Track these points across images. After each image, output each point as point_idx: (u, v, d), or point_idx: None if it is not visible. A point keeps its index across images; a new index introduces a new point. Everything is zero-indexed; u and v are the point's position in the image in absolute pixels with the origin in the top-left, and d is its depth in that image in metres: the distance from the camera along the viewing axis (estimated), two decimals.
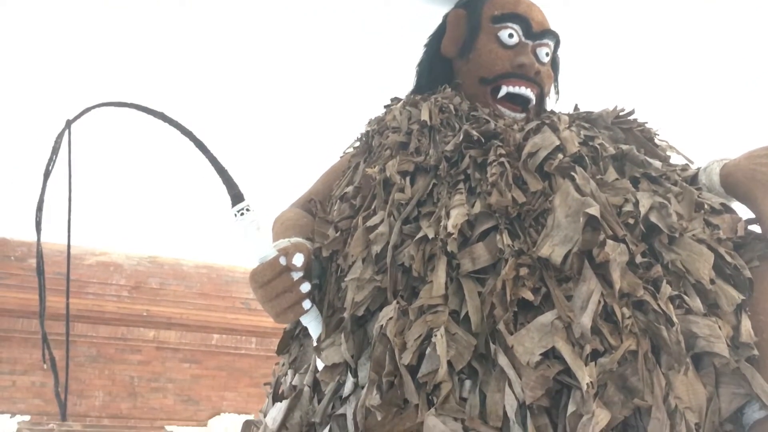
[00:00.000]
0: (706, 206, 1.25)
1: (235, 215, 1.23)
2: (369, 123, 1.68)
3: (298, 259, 1.21)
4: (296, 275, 1.21)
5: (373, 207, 1.34)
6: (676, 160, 1.48)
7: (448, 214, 1.20)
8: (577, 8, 2.28)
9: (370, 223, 1.28)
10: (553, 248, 1.11)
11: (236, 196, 1.24)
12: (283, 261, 1.20)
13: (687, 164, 1.45)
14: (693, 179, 1.38)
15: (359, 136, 1.70)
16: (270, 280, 1.20)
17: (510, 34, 1.65)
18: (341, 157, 1.80)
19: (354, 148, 1.71)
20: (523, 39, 1.66)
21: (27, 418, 7.27)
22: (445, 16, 1.83)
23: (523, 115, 1.63)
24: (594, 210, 1.10)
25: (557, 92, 1.85)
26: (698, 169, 1.41)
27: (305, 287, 1.22)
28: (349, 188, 1.47)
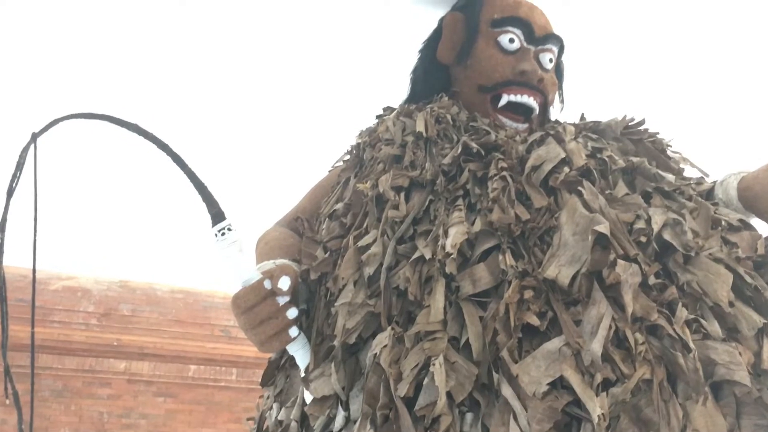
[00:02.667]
0: (723, 223, 1.26)
1: (216, 235, 1.23)
2: (360, 134, 1.69)
3: (284, 283, 1.21)
4: (282, 300, 1.21)
5: (364, 225, 1.35)
6: (690, 173, 1.49)
7: (446, 233, 1.21)
8: (582, 10, 2.30)
9: (362, 243, 1.29)
10: (559, 269, 1.11)
11: (217, 215, 1.24)
12: (267, 285, 1.20)
13: (702, 178, 1.47)
14: (709, 194, 1.40)
15: (349, 149, 1.71)
16: (253, 305, 1.20)
17: (511, 39, 1.67)
18: (330, 172, 1.81)
19: (344, 161, 1.72)
20: (524, 44, 1.68)
21: None
22: (441, 20, 1.85)
23: (525, 125, 1.65)
24: (603, 227, 1.11)
25: (562, 101, 1.87)
26: (714, 182, 1.43)
27: (292, 313, 1.22)
28: (339, 205, 1.48)
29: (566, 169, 1.29)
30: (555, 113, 1.81)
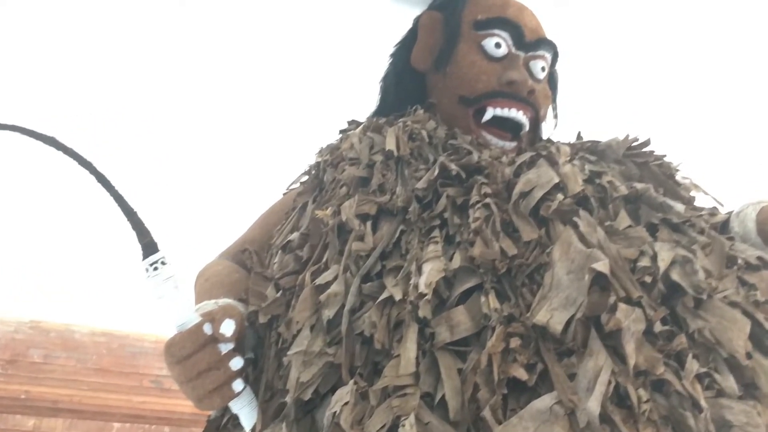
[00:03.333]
0: (740, 261, 1.28)
1: (147, 270, 1.22)
2: (320, 152, 1.70)
3: (228, 327, 1.20)
4: (225, 347, 1.20)
5: (324, 260, 1.35)
6: (702, 202, 1.52)
7: (419, 270, 1.21)
8: (580, 11, 2.35)
9: (321, 280, 1.29)
10: (551, 313, 1.12)
11: (148, 246, 1.23)
12: (207, 329, 1.19)
13: (716, 208, 1.49)
14: (724, 227, 1.42)
15: (307, 169, 1.71)
16: (191, 353, 1.18)
17: (497, 44, 1.69)
18: (284, 195, 1.81)
19: (301, 183, 1.72)
20: (513, 50, 1.71)
21: None
22: (417, 20, 1.87)
23: (513, 144, 1.67)
24: (602, 265, 1.12)
25: (556, 116, 1.89)
26: (730, 213, 1.46)
27: (236, 363, 1.21)
28: (294, 235, 1.48)
29: (560, 197, 1.30)
30: (548, 131, 1.84)
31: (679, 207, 1.35)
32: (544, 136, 1.80)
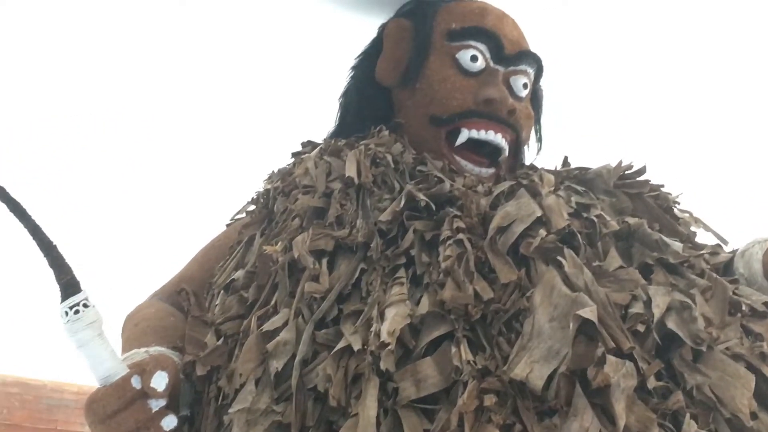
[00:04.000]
0: (744, 307, 1.29)
1: (66, 313, 1.20)
2: (269, 178, 1.70)
3: (160, 381, 1.19)
4: (156, 404, 1.19)
5: (272, 302, 1.35)
6: (703, 239, 1.54)
7: (381, 315, 1.22)
8: (568, 20, 2.38)
9: (268, 326, 1.29)
10: (531, 367, 1.13)
11: (69, 286, 1.21)
12: (136, 383, 1.18)
13: (719, 246, 1.51)
14: (727, 268, 1.44)
15: (254, 197, 1.71)
16: (116, 411, 1.17)
17: (473, 57, 1.71)
18: (228, 227, 1.80)
19: (247, 213, 1.71)
20: (491, 64, 1.72)
21: None
22: (382, 28, 1.87)
23: (491, 171, 1.68)
24: (589, 312, 1.13)
25: (539, 139, 1.91)
26: (734, 253, 1.47)
27: (169, 422, 1.20)
28: (239, 273, 1.48)
29: (542, 232, 1.31)
30: (530, 156, 1.85)
31: (677, 245, 1.37)
32: (526, 162, 1.81)
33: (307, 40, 2.33)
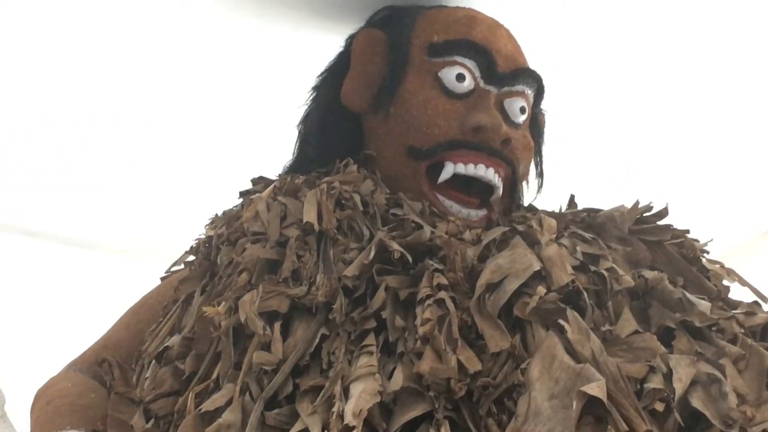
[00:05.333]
0: None
1: None
2: (212, 222, 1.67)
3: None
4: None
5: (214, 376, 1.33)
6: (737, 295, 1.52)
7: (346, 392, 1.20)
8: (573, 31, 2.41)
9: (209, 405, 1.27)
10: None
11: None
12: None
13: (755, 304, 1.49)
14: (765, 331, 1.42)
15: (194, 246, 1.69)
16: None
17: (459, 75, 1.71)
18: (162, 281, 1.78)
19: (185, 265, 1.69)
20: (481, 84, 1.72)
21: None
22: (350, 40, 1.87)
23: (481, 213, 1.68)
24: (596, 388, 1.12)
25: (540, 174, 1.90)
26: None
27: None
28: (174, 339, 1.46)
29: (541, 290, 1.30)
30: (529, 195, 1.85)
31: (704, 305, 1.35)
32: (524, 203, 1.81)
33: (258, 55, 2.33)
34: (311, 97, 1.87)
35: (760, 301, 1.51)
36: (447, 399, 1.19)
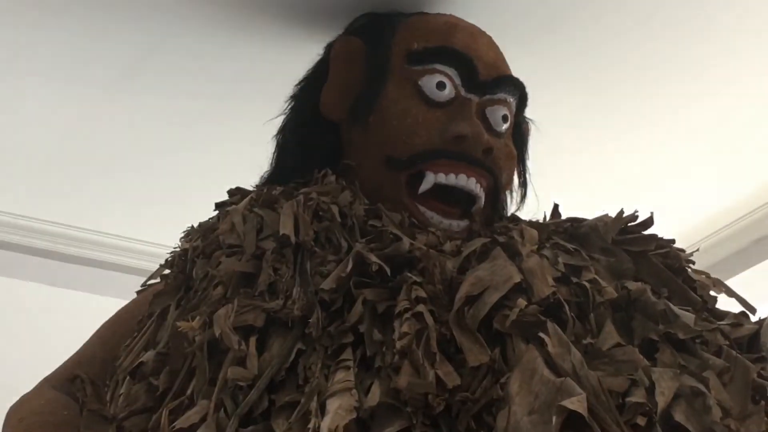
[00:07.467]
0: None
1: None
2: (188, 235, 1.66)
3: None
4: None
5: (188, 392, 1.32)
6: (724, 305, 1.52)
7: (322, 408, 1.19)
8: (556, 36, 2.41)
9: (183, 422, 1.26)
10: None
11: None
12: None
13: (743, 314, 1.48)
14: (752, 343, 1.41)
15: (169, 259, 1.68)
16: None
17: (440, 83, 1.71)
18: (137, 295, 1.77)
19: (161, 278, 1.68)
20: (462, 92, 1.72)
21: None
22: (328, 48, 1.87)
23: (463, 223, 1.67)
24: (577, 402, 1.11)
25: (524, 184, 1.90)
26: (761, 323, 1.45)
27: None
28: (148, 355, 1.45)
29: (522, 302, 1.29)
30: (511, 205, 1.84)
31: (688, 316, 1.35)
32: (507, 213, 1.80)
33: (235, 63, 2.33)
34: (289, 107, 1.87)
35: (747, 311, 1.50)
36: (425, 414, 1.18)
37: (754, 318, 1.49)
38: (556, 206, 1.72)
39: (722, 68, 2.57)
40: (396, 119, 1.68)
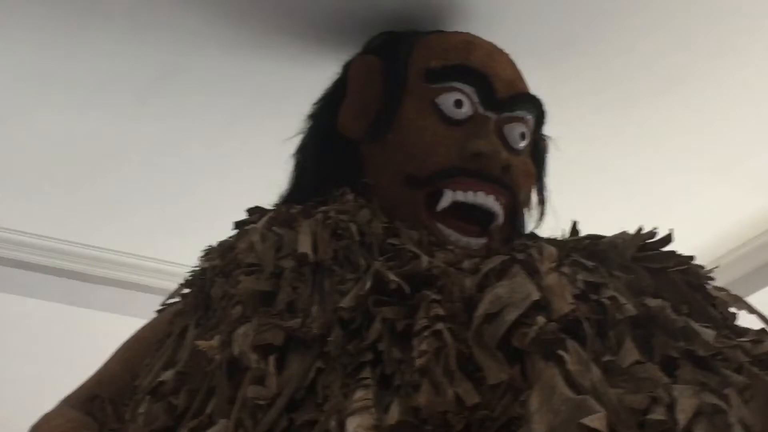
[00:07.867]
0: None
1: None
2: (207, 255, 1.66)
3: None
4: None
5: (208, 411, 1.32)
6: (745, 322, 1.50)
7: (341, 427, 1.19)
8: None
9: None
10: None
11: None
12: None
13: (763, 331, 1.47)
14: None
15: (189, 278, 1.68)
16: None
17: (458, 101, 1.71)
18: (157, 315, 1.77)
19: (181, 297, 1.68)
20: (480, 110, 1.72)
21: None
22: (346, 67, 1.87)
23: (482, 241, 1.66)
24: (597, 420, 1.11)
25: (542, 201, 1.89)
26: None
27: None
28: (168, 374, 1.44)
29: (541, 320, 1.29)
30: (530, 223, 1.84)
31: (708, 333, 1.34)
32: (525, 231, 1.79)
33: (254, 81, 2.34)
34: (307, 125, 1.87)
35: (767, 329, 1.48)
36: None
37: None
38: (574, 223, 1.71)
39: (740, 83, 2.56)
40: (414, 137, 1.68)
